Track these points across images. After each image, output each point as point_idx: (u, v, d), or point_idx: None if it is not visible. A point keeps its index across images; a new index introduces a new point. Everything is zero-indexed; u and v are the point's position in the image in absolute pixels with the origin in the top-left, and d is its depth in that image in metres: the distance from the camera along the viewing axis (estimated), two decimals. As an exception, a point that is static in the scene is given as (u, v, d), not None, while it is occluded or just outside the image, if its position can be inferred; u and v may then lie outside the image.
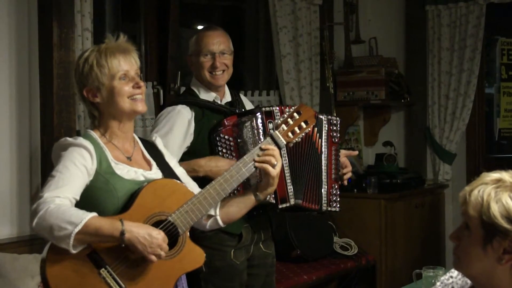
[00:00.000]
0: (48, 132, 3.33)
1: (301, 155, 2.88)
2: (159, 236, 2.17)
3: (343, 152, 3.04)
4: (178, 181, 2.42)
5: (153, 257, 2.17)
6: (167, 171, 2.47)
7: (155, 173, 2.41)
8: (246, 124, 2.80)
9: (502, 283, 1.64)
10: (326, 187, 2.92)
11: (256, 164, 2.42)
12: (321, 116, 2.94)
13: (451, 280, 1.96)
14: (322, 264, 4.56)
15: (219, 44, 3.05)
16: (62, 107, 3.33)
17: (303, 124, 2.50)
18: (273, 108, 2.84)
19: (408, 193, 5.22)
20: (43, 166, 3.37)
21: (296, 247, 4.45)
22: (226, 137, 2.89)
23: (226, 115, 2.97)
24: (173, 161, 2.58)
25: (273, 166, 2.42)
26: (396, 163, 5.52)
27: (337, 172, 2.96)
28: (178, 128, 2.96)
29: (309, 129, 2.53)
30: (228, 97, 3.15)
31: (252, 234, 3.06)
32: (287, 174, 2.83)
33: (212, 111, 3.02)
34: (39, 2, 3.36)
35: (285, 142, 2.48)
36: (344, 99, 5.48)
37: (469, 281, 1.82)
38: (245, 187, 2.68)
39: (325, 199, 2.92)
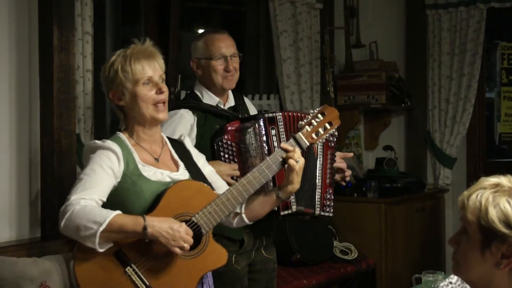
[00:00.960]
0: (48, 135, 3.33)
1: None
2: (180, 228, 2.25)
3: (338, 154, 3.03)
4: (202, 183, 2.49)
5: (177, 249, 2.26)
6: (195, 171, 2.55)
7: (182, 173, 2.50)
8: (249, 130, 2.80)
9: (500, 288, 1.64)
10: (320, 191, 2.91)
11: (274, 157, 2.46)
12: None
13: (450, 286, 1.96)
14: (322, 268, 4.55)
15: (229, 47, 3.08)
16: (62, 111, 3.33)
17: (327, 125, 2.55)
18: (276, 114, 2.83)
19: (409, 197, 5.22)
20: (42, 169, 3.36)
21: (296, 251, 4.45)
22: (228, 142, 2.89)
23: (229, 120, 2.98)
24: (201, 160, 2.66)
25: (296, 161, 2.46)
26: (396, 167, 5.51)
27: (332, 176, 2.96)
28: (180, 132, 2.95)
29: (334, 130, 2.58)
30: (231, 102, 3.15)
31: (253, 240, 3.07)
32: None
33: (215, 116, 3.03)
34: (39, 5, 3.35)
35: (308, 144, 2.52)
36: (344, 103, 5.47)
37: (468, 287, 1.82)
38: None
39: (319, 203, 2.91)
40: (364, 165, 5.77)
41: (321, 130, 2.54)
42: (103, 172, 2.33)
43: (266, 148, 2.78)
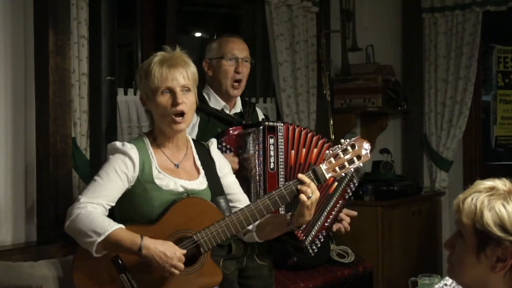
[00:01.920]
0: (44, 139, 3.33)
1: None
2: (174, 256, 2.29)
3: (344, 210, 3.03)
4: (210, 203, 2.49)
5: (167, 274, 2.31)
6: (214, 181, 2.56)
7: (201, 181, 2.51)
8: (249, 137, 2.80)
9: (495, 292, 1.64)
10: (317, 228, 2.89)
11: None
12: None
13: (445, 288, 1.96)
14: (319, 272, 4.55)
15: (242, 50, 3.08)
16: (58, 114, 3.33)
17: (355, 159, 2.43)
18: (277, 124, 2.82)
19: (405, 201, 5.22)
20: (38, 172, 3.36)
21: (292, 254, 4.44)
22: (228, 146, 2.91)
23: (232, 125, 2.98)
24: (226, 169, 2.64)
25: (308, 197, 2.37)
26: (393, 171, 5.51)
27: (332, 223, 2.95)
28: None
29: (360, 165, 2.44)
30: (238, 108, 3.15)
31: (244, 247, 3.05)
32: None
33: (219, 120, 3.04)
34: (35, 9, 3.35)
35: (327, 178, 2.43)
36: (341, 106, 5.48)
37: (463, 290, 1.81)
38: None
39: (311, 237, 2.88)
40: (361, 168, 5.75)
41: (346, 164, 2.41)
42: (116, 176, 2.38)
43: (262, 157, 2.78)
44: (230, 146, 2.90)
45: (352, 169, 2.45)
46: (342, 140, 2.45)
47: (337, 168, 2.41)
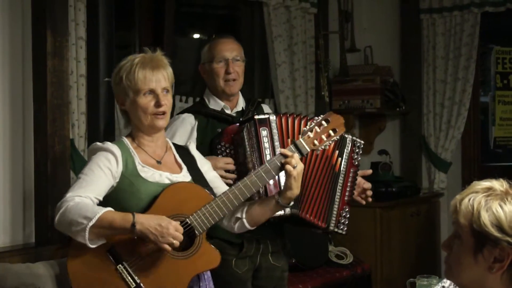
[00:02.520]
0: (42, 140, 3.32)
1: (311, 168, 2.82)
2: (169, 225, 2.27)
3: (358, 172, 3.00)
4: (200, 186, 2.51)
5: (166, 246, 2.27)
6: (197, 175, 2.58)
7: (184, 175, 2.53)
8: (242, 132, 2.80)
9: (493, 292, 1.64)
10: (337, 207, 2.87)
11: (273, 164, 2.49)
12: (346, 135, 2.89)
13: (443, 289, 1.96)
14: (317, 273, 4.55)
15: (232, 51, 3.08)
16: (56, 116, 3.33)
17: (331, 132, 2.56)
18: (269, 115, 2.81)
19: (404, 202, 5.21)
20: (36, 174, 3.36)
21: (291, 256, 4.43)
22: (226, 145, 2.92)
23: (231, 124, 2.99)
24: (206, 166, 2.68)
25: (293, 166, 2.47)
26: (391, 172, 5.51)
27: (351, 194, 2.92)
28: (179, 136, 3.00)
29: (337, 137, 2.58)
30: (239, 107, 3.15)
31: (256, 245, 3.05)
32: None
33: (218, 120, 3.05)
34: (33, 10, 3.35)
35: (308, 150, 2.53)
36: (339, 107, 5.48)
37: (461, 291, 1.81)
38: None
39: (334, 219, 2.87)
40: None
41: (324, 137, 2.55)
42: (100, 172, 2.38)
43: (257, 150, 2.77)
44: (229, 144, 2.90)
45: (330, 142, 2.57)
46: (316, 117, 2.60)
47: (315, 141, 2.54)
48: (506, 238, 1.58)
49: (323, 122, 2.55)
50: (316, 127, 2.55)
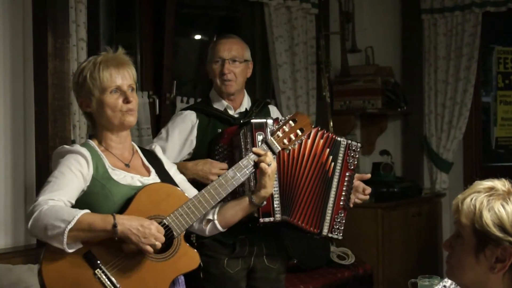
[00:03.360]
0: (43, 142, 3.32)
1: (300, 173, 2.81)
2: (151, 226, 2.22)
3: (356, 175, 2.95)
4: (173, 186, 2.47)
5: (148, 247, 2.22)
6: (166, 178, 2.52)
7: (153, 179, 2.46)
8: (240, 135, 2.79)
9: (494, 292, 1.63)
10: (331, 212, 2.85)
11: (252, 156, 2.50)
12: (339, 139, 2.87)
13: (444, 289, 1.95)
14: (319, 274, 4.55)
15: (230, 50, 3.06)
16: (57, 117, 3.33)
17: (298, 131, 2.57)
18: (266, 120, 2.78)
19: (405, 202, 5.21)
20: (37, 175, 3.36)
21: (292, 256, 4.44)
22: (224, 146, 2.91)
23: (232, 125, 2.98)
24: (172, 169, 2.63)
25: (268, 164, 2.48)
26: (393, 172, 5.52)
27: (347, 199, 2.89)
28: (179, 132, 3.01)
29: (304, 137, 2.60)
30: (243, 108, 3.14)
31: (249, 247, 3.04)
32: (275, 188, 2.74)
33: (220, 121, 3.05)
34: (34, 12, 3.35)
35: (279, 148, 2.55)
36: (340, 108, 5.48)
37: (462, 291, 1.81)
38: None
39: (328, 224, 2.85)
40: (361, 170, 5.75)
41: (292, 136, 2.57)
42: (72, 174, 2.29)
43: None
44: (227, 146, 2.90)
45: (298, 142, 2.60)
46: (282, 117, 2.65)
47: (285, 141, 2.56)
48: (508, 238, 1.58)
49: (291, 122, 2.57)
50: (285, 127, 2.57)
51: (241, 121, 2.98)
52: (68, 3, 3.43)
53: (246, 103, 3.16)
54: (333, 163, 2.85)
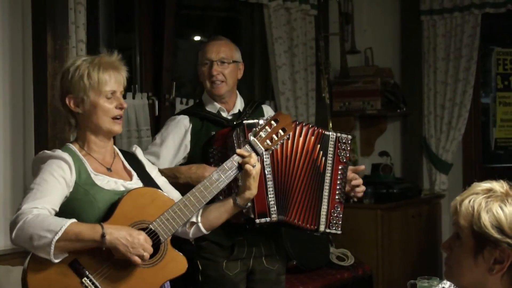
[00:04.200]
0: (42, 143, 3.32)
1: (294, 171, 2.81)
2: (140, 236, 2.19)
3: (350, 168, 2.94)
4: (157, 190, 2.43)
5: (136, 258, 2.19)
6: (148, 181, 2.48)
7: (136, 183, 2.43)
8: (233, 136, 2.78)
9: (493, 294, 1.64)
10: (326, 207, 2.84)
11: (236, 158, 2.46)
12: (327, 133, 2.86)
13: (443, 291, 1.96)
14: (318, 275, 4.55)
15: (218, 52, 3.05)
16: (56, 119, 3.33)
17: (280, 131, 2.54)
18: (258, 121, 2.75)
19: (405, 203, 5.21)
20: (37, 177, 3.36)
21: (292, 257, 4.44)
22: (218, 148, 2.90)
23: (225, 127, 2.98)
24: (154, 172, 2.60)
25: (252, 166, 2.45)
26: (392, 173, 5.51)
27: (342, 192, 2.87)
28: (173, 138, 3.01)
29: (287, 137, 2.56)
30: (236, 109, 3.13)
31: (248, 248, 3.04)
32: (270, 189, 2.75)
33: (213, 123, 3.04)
34: (33, 13, 3.36)
35: (263, 149, 2.52)
36: (340, 109, 5.48)
37: (461, 292, 1.81)
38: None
39: (324, 220, 2.84)
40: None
41: (274, 137, 2.54)
42: (54, 181, 2.23)
43: None
44: (221, 148, 2.89)
45: (281, 142, 2.56)
46: (263, 118, 2.62)
47: (268, 141, 2.52)
48: (506, 240, 1.58)
49: (273, 122, 2.54)
50: (267, 127, 2.54)
51: (234, 123, 2.98)
52: (68, 5, 3.43)
53: (239, 104, 3.15)
54: (324, 158, 2.84)
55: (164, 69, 4.31)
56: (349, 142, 2.89)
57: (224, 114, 3.09)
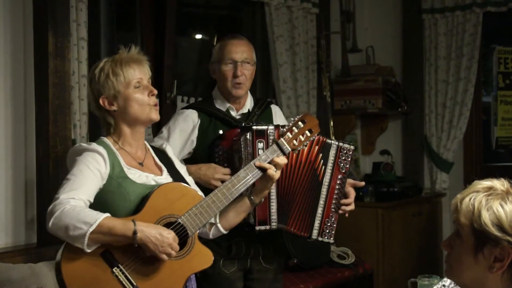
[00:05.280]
0: (44, 141, 3.32)
1: (296, 180, 2.82)
2: (169, 235, 2.29)
3: (349, 181, 2.93)
4: (187, 185, 2.53)
5: (164, 256, 2.29)
6: (178, 177, 2.57)
7: (166, 178, 2.52)
8: (240, 140, 2.78)
9: (493, 292, 1.64)
10: (320, 216, 2.84)
11: (257, 163, 2.54)
12: (329, 141, 2.85)
13: (443, 289, 1.96)
14: (319, 273, 4.55)
15: (242, 52, 3.05)
16: (58, 116, 3.33)
17: (307, 132, 2.63)
18: (268, 127, 2.75)
19: (405, 202, 5.22)
20: (38, 174, 3.36)
21: (293, 256, 4.44)
22: (224, 149, 2.90)
23: (233, 127, 2.97)
24: (182, 169, 2.68)
25: (275, 171, 2.54)
26: (393, 172, 5.51)
27: (338, 203, 2.87)
28: (180, 132, 3.01)
29: (314, 137, 2.64)
30: (245, 109, 3.12)
31: (246, 249, 3.05)
32: (273, 197, 2.77)
33: (221, 121, 3.03)
34: (34, 11, 3.35)
35: (290, 149, 2.59)
36: (341, 107, 5.48)
37: (461, 290, 1.81)
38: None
39: (318, 228, 2.84)
40: (361, 169, 5.77)
41: (301, 137, 2.62)
42: (90, 173, 2.33)
43: (251, 161, 2.74)
44: (227, 149, 2.89)
45: (307, 142, 2.65)
46: (292, 118, 2.66)
47: (294, 141, 2.60)
48: (506, 238, 1.59)
49: (300, 123, 2.62)
50: (294, 128, 2.61)
51: (243, 124, 2.97)
52: (69, 2, 3.43)
53: (249, 103, 3.15)
54: (323, 167, 2.84)
55: (165, 67, 4.31)
56: (351, 152, 2.87)
57: (233, 113, 3.08)
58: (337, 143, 2.86)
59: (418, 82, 5.65)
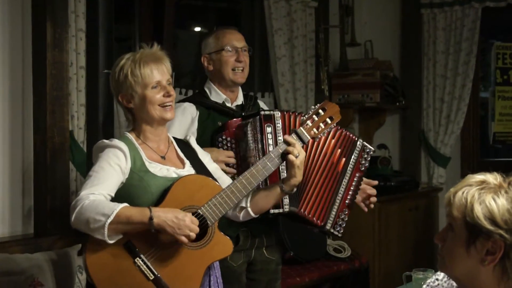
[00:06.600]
0: (41, 132, 3.33)
1: (313, 165, 2.84)
2: (185, 217, 2.33)
3: (364, 180, 3.01)
4: (207, 177, 2.57)
5: (183, 238, 2.33)
6: (200, 168, 2.63)
7: (188, 170, 2.58)
8: (247, 127, 2.80)
9: (485, 285, 1.64)
10: (337, 208, 2.88)
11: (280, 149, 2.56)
12: (357, 140, 2.93)
13: (437, 282, 1.97)
14: (315, 266, 4.57)
15: (240, 40, 3.11)
16: (55, 107, 3.34)
17: (328, 120, 2.64)
18: (274, 112, 2.80)
19: (402, 196, 5.23)
20: (35, 165, 3.37)
21: (289, 248, 4.45)
22: (228, 138, 2.92)
23: (232, 117, 2.99)
24: (206, 158, 2.74)
25: (296, 156, 2.53)
26: (390, 166, 5.52)
27: (353, 199, 2.93)
28: (179, 124, 3.01)
29: (334, 124, 2.65)
30: (239, 101, 3.16)
31: (251, 239, 3.07)
32: None
33: (219, 113, 3.05)
34: (33, 2, 3.36)
35: (309, 138, 2.61)
36: (339, 101, 5.48)
37: (454, 284, 1.82)
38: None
39: (332, 219, 2.88)
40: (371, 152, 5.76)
41: (322, 125, 2.63)
42: (110, 168, 2.42)
43: (260, 145, 2.78)
44: (231, 138, 2.91)
45: (328, 130, 2.65)
46: (313, 106, 2.67)
47: (314, 130, 2.62)
48: (498, 231, 1.59)
49: (320, 111, 2.63)
50: (314, 116, 2.62)
51: (243, 114, 3.01)
52: (68, -6, 3.43)
53: (241, 96, 3.18)
54: (344, 159, 2.90)
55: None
56: (371, 153, 2.97)
57: (229, 105, 3.10)
58: (362, 142, 2.95)
59: (416, 77, 5.65)
